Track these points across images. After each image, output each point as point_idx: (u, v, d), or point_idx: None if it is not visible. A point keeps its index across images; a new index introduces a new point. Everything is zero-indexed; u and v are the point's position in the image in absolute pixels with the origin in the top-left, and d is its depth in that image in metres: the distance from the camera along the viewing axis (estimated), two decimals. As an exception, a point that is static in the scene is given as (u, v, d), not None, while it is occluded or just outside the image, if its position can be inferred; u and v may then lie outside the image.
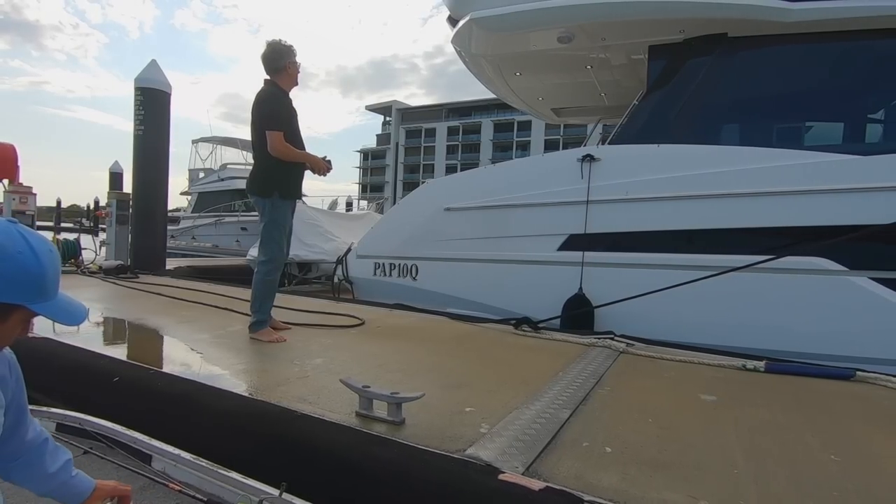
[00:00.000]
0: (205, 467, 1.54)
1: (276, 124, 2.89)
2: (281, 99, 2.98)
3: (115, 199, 7.01)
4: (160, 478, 1.51)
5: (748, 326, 3.55)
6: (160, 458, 1.64)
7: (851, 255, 3.28)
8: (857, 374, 2.64)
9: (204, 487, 1.51)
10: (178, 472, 1.58)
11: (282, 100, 2.99)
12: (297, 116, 3.08)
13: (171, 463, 1.61)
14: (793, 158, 3.53)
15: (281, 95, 2.99)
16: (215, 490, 1.49)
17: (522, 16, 4.38)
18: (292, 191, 3.07)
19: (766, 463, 1.61)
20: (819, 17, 3.67)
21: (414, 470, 1.46)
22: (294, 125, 3.03)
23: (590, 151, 4.05)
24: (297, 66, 3.03)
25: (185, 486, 1.46)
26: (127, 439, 1.73)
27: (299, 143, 3.04)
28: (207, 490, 1.49)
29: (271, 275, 3.04)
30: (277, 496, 1.35)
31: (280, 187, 2.96)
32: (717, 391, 2.36)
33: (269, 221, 3.00)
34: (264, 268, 3.03)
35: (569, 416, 1.92)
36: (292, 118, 3.03)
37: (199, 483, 1.52)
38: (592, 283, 3.96)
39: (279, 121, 2.91)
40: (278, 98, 2.96)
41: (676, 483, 1.45)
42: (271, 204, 2.98)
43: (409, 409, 1.88)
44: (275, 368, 2.47)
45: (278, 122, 2.90)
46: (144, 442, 1.70)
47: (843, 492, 1.43)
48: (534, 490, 1.31)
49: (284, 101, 3.01)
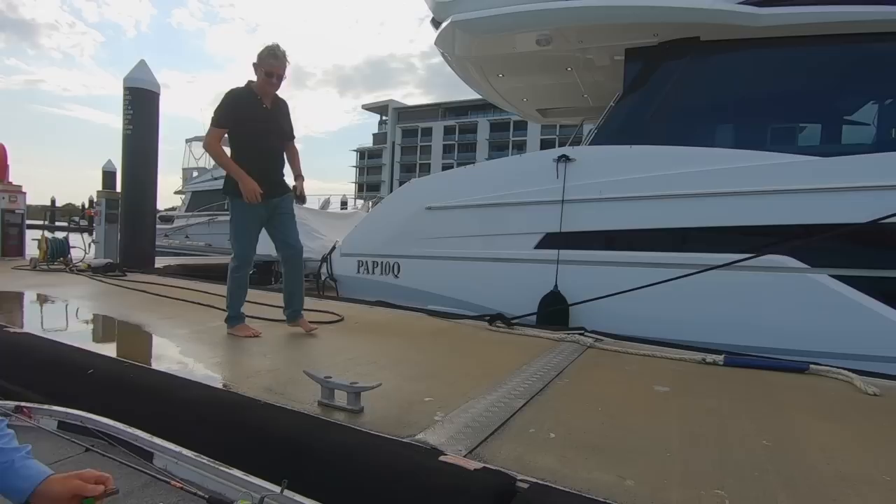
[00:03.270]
0: (206, 465, 1.55)
1: (214, 121, 2.93)
2: (234, 97, 2.93)
3: (104, 198, 7.08)
4: (162, 475, 1.49)
5: (716, 323, 3.65)
6: (161, 456, 1.65)
7: (813, 253, 3.38)
8: (811, 368, 2.75)
9: (205, 485, 1.51)
10: (179, 469, 1.59)
11: (235, 99, 2.93)
12: (266, 120, 3.00)
13: (173, 460, 1.62)
14: (758, 159, 3.64)
15: (239, 94, 2.94)
16: (217, 487, 1.49)
17: (501, 19, 4.48)
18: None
19: (698, 447, 1.71)
20: (787, 21, 3.78)
21: (362, 453, 1.55)
22: (251, 127, 2.95)
23: (565, 152, 4.15)
24: (270, 71, 2.91)
25: (187, 484, 1.44)
26: (128, 437, 1.73)
27: (258, 146, 2.98)
28: (209, 487, 1.50)
29: (237, 272, 3.09)
30: (279, 493, 1.35)
31: (235, 187, 2.93)
32: (671, 383, 2.46)
33: (230, 220, 3.07)
34: (231, 265, 3.12)
35: (522, 405, 2.01)
36: (248, 120, 2.94)
37: (201, 480, 1.53)
38: (567, 281, 4.07)
39: (218, 118, 2.92)
40: (231, 96, 2.93)
41: (609, 465, 1.54)
42: (230, 203, 3.05)
43: (371, 398, 1.97)
44: (247, 361, 2.56)
45: (217, 120, 2.92)
46: (146, 440, 1.70)
47: (763, 472, 1.53)
48: (469, 470, 1.40)
49: (237, 101, 2.93)
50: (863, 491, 1.44)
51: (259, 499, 1.35)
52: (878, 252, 3.36)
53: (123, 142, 6.63)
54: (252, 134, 2.98)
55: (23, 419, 1.90)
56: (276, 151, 3.10)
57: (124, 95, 6.55)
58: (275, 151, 3.10)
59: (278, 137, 3.11)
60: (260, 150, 3.00)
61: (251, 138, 2.98)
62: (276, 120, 3.07)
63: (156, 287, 4.84)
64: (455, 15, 4.68)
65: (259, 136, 2.99)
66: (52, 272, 5.92)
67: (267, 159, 3.05)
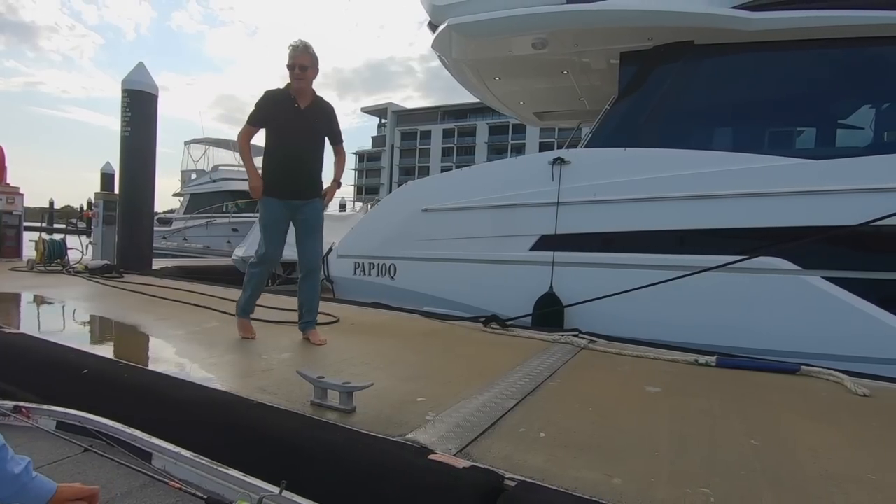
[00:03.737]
0: (205, 465, 1.55)
1: (248, 119, 2.98)
2: (268, 96, 2.94)
3: (101, 200, 7.09)
4: (160, 476, 1.51)
5: (710, 324, 3.67)
6: (160, 456, 1.65)
7: (805, 255, 3.40)
8: (802, 369, 2.77)
9: (204, 485, 1.51)
10: (178, 469, 1.59)
11: (268, 98, 2.93)
12: (297, 120, 2.91)
13: (172, 461, 1.62)
14: (751, 162, 3.66)
15: (273, 94, 2.94)
16: (215, 488, 1.49)
17: (498, 22, 4.51)
18: (274, 188, 2.94)
19: (686, 446, 1.72)
20: (779, 25, 3.81)
21: (352, 452, 1.56)
22: (279, 127, 2.92)
23: (560, 154, 4.17)
24: (290, 63, 2.86)
25: (185, 484, 1.46)
26: (127, 437, 1.73)
27: (285, 146, 2.92)
28: (207, 488, 1.50)
29: (253, 267, 3.09)
30: (277, 493, 1.35)
31: (266, 184, 2.94)
32: (663, 384, 2.48)
33: (258, 218, 3.09)
34: (252, 261, 3.14)
35: (513, 406, 2.03)
36: (278, 120, 2.91)
37: (200, 481, 1.53)
38: (562, 282, 4.08)
39: (250, 116, 2.96)
40: (266, 95, 2.95)
41: (597, 463, 1.56)
42: (260, 201, 3.01)
43: (364, 398, 1.98)
44: (242, 361, 2.57)
45: (249, 118, 2.97)
46: (145, 440, 1.70)
47: (751, 471, 1.55)
48: (458, 468, 1.41)
49: (270, 101, 2.93)
50: (848, 489, 1.46)
51: (258, 499, 1.36)
52: (869, 254, 3.38)
53: (121, 144, 6.65)
54: (280, 134, 2.94)
55: (21, 419, 1.90)
56: (304, 152, 2.96)
57: (122, 98, 6.57)
58: (303, 152, 2.96)
59: (309, 139, 2.97)
60: (286, 151, 2.93)
61: (279, 138, 2.94)
62: (308, 120, 2.94)
63: (152, 288, 4.84)
64: (451, 18, 4.71)
65: (287, 136, 2.93)
66: (49, 273, 5.92)
67: (292, 160, 2.94)
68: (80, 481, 1.50)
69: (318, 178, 3.08)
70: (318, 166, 3.05)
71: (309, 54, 2.89)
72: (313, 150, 3.01)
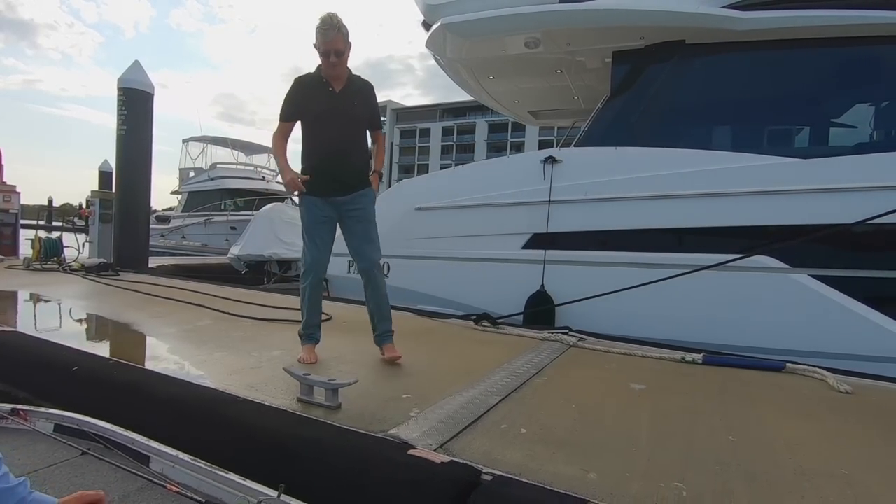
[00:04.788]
0: (203, 468, 1.55)
1: (279, 115, 2.66)
2: (298, 84, 2.62)
3: (98, 198, 7.11)
4: (158, 479, 1.51)
5: (699, 322, 3.69)
6: (158, 460, 1.65)
7: (793, 253, 3.43)
8: (788, 367, 2.80)
9: (202, 489, 1.51)
10: (176, 473, 1.59)
11: (298, 86, 2.61)
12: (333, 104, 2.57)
13: (170, 464, 1.62)
14: (742, 161, 3.68)
15: (304, 80, 2.62)
16: (213, 491, 1.49)
17: (490, 22, 4.52)
18: (314, 185, 2.60)
19: (664, 442, 1.75)
20: (769, 25, 3.83)
21: (335, 447, 1.59)
22: (314, 115, 2.59)
23: (552, 153, 4.19)
24: (324, 50, 2.50)
25: (183, 488, 1.46)
26: (125, 440, 1.73)
27: (322, 135, 2.60)
28: (205, 491, 1.50)
29: (302, 280, 2.70)
30: (276, 498, 1.35)
31: (306, 182, 2.60)
32: (648, 381, 2.50)
33: (301, 221, 2.72)
34: (299, 274, 2.79)
35: (497, 402, 2.06)
36: (312, 107, 2.59)
37: (198, 484, 1.53)
38: (554, 281, 4.11)
39: (281, 112, 2.64)
40: (295, 83, 2.63)
41: (575, 459, 1.58)
42: (300, 202, 2.71)
43: (350, 395, 2.01)
44: (231, 359, 2.60)
45: (280, 114, 2.65)
46: (142, 443, 1.70)
47: (725, 466, 1.58)
48: (436, 463, 1.44)
49: (301, 89, 2.60)
50: (819, 484, 1.48)
51: (256, 503, 1.36)
52: (856, 253, 3.41)
53: (117, 142, 6.65)
54: (316, 122, 2.61)
55: (19, 422, 1.91)
56: (345, 140, 2.62)
57: (118, 96, 6.58)
58: (344, 140, 2.61)
59: (350, 124, 2.62)
60: (323, 140, 2.61)
61: (315, 127, 2.61)
62: (345, 104, 2.59)
63: (147, 287, 4.87)
64: (445, 18, 4.72)
65: (323, 123, 2.59)
66: (46, 272, 5.94)
67: (332, 150, 2.60)
68: (78, 484, 1.53)
69: (364, 166, 2.70)
70: (362, 154, 2.69)
71: (342, 34, 2.52)
72: (355, 137, 2.66)
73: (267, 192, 17.07)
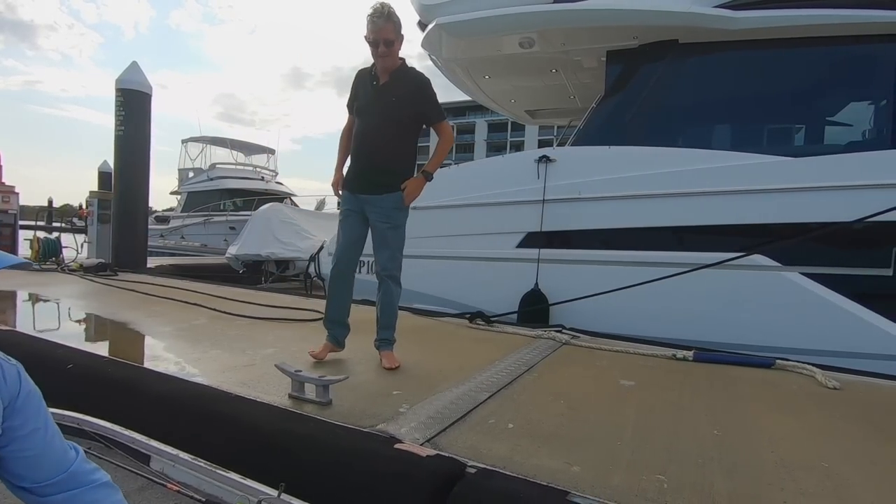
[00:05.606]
0: (203, 467, 1.55)
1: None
2: (356, 77, 2.62)
3: (96, 199, 7.14)
4: (158, 478, 1.51)
5: (692, 320, 3.72)
6: (158, 459, 1.65)
7: (785, 252, 3.45)
8: (777, 363, 2.82)
9: (202, 487, 1.52)
10: (176, 472, 1.60)
11: (356, 79, 2.62)
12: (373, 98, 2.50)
13: (170, 463, 1.62)
14: (735, 160, 3.71)
15: (360, 73, 2.62)
16: (213, 490, 1.50)
17: (485, 22, 4.54)
18: (346, 179, 2.62)
19: (649, 436, 1.78)
20: (761, 24, 3.85)
21: (323, 442, 1.61)
22: (357, 108, 2.58)
23: (546, 153, 4.22)
24: (372, 40, 2.41)
25: (184, 487, 1.46)
26: (125, 439, 1.73)
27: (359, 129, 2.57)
28: (206, 490, 1.51)
29: (329, 273, 2.71)
30: (276, 497, 1.35)
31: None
32: (638, 377, 2.53)
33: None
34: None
35: (486, 398, 2.08)
36: (357, 100, 2.58)
37: (198, 483, 1.53)
38: (548, 279, 4.13)
39: (348, 103, 2.67)
40: (355, 76, 2.64)
41: (560, 452, 1.61)
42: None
43: (341, 392, 2.04)
44: (225, 357, 2.62)
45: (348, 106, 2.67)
46: (143, 442, 1.70)
47: (707, 460, 1.60)
48: (421, 456, 1.47)
49: (356, 81, 2.61)
50: (798, 476, 1.51)
51: (256, 502, 1.37)
52: (847, 251, 3.43)
53: (116, 143, 6.69)
54: (358, 115, 2.58)
55: None
56: (375, 137, 2.49)
57: (116, 97, 6.61)
58: (374, 137, 2.49)
59: (384, 121, 2.47)
60: (357, 134, 2.56)
61: (358, 120, 2.58)
62: (384, 98, 2.47)
63: (145, 286, 4.89)
64: (439, 18, 4.74)
65: (362, 117, 2.55)
66: (44, 272, 5.98)
67: (362, 145, 2.53)
68: None
69: (392, 167, 2.50)
70: (389, 153, 2.49)
71: (393, 22, 2.40)
72: (387, 134, 2.47)
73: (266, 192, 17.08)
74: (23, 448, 0.94)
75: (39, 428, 0.96)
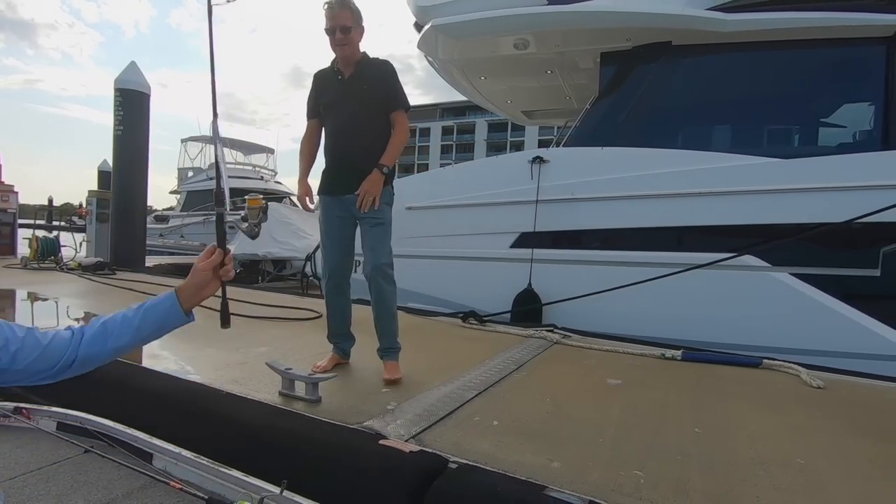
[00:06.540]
0: (205, 465, 1.56)
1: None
2: (314, 79, 2.49)
3: (94, 198, 7.18)
4: (161, 476, 1.52)
5: (683, 320, 3.75)
6: (161, 457, 1.66)
7: (774, 252, 3.48)
8: (764, 363, 2.85)
9: (205, 485, 1.52)
10: (178, 470, 1.60)
11: (315, 80, 2.49)
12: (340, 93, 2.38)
13: (172, 461, 1.63)
14: (726, 161, 3.74)
15: (319, 72, 2.49)
16: (216, 488, 1.50)
17: (479, 23, 4.57)
18: (323, 183, 2.50)
19: (631, 433, 1.81)
20: (753, 27, 3.87)
21: (310, 438, 1.65)
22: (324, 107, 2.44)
23: (539, 153, 4.25)
24: (328, 28, 2.32)
25: (186, 485, 1.47)
26: (128, 438, 1.74)
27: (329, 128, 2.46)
28: (208, 488, 1.51)
29: (324, 285, 2.58)
30: (278, 494, 1.36)
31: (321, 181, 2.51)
32: (625, 377, 2.56)
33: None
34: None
35: (473, 396, 2.12)
36: (322, 99, 2.44)
37: (200, 481, 1.54)
38: (541, 279, 4.16)
39: (306, 110, 2.54)
40: (314, 78, 2.50)
41: (542, 449, 1.64)
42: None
43: (331, 389, 2.08)
44: (218, 355, 2.66)
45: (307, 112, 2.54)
46: (145, 440, 1.71)
47: (686, 456, 1.64)
48: (405, 452, 1.50)
49: (316, 82, 2.48)
50: (773, 472, 1.55)
51: (258, 499, 1.38)
52: (836, 252, 3.46)
53: (114, 142, 6.73)
54: (326, 113, 2.44)
55: (22, 420, 1.94)
56: (352, 130, 2.37)
57: (115, 97, 6.65)
58: (351, 130, 2.37)
59: (359, 112, 2.35)
60: (330, 132, 2.44)
61: (326, 119, 2.44)
62: (354, 89, 2.35)
63: (142, 285, 4.93)
64: (435, 19, 4.77)
65: (332, 113, 2.42)
66: (43, 270, 6.01)
67: (338, 144, 2.40)
68: (81, 482, 1.56)
69: (376, 157, 2.35)
70: (369, 143, 2.37)
71: (350, 9, 2.30)
72: (365, 125, 2.36)
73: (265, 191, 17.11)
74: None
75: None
